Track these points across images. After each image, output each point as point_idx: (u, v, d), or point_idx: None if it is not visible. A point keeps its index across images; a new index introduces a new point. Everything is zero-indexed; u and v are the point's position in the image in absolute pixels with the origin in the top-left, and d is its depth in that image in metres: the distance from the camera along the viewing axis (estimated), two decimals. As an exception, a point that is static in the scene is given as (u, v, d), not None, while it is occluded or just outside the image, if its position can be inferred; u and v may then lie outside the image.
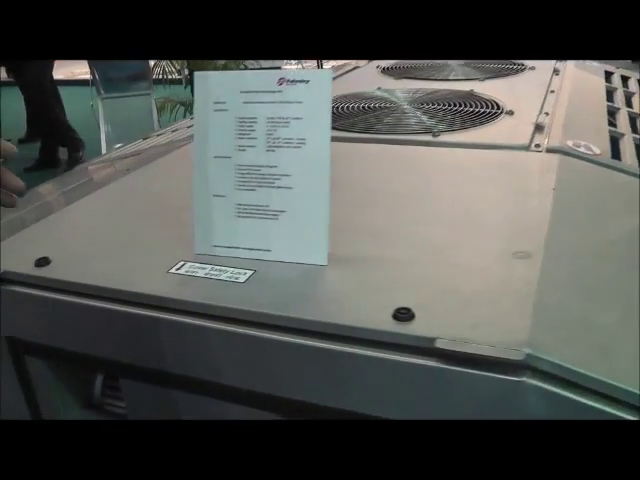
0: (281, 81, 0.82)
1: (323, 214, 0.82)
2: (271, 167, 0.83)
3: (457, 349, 0.66)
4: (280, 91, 0.82)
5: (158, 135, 1.73)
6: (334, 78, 1.99)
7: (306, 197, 0.82)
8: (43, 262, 0.88)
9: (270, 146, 0.83)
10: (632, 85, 1.92)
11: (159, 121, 3.93)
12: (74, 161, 3.99)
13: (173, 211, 1.03)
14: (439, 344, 0.66)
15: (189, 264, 0.85)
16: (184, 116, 4.04)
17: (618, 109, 1.62)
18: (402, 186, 1.10)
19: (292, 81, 0.81)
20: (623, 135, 1.41)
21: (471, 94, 1.64)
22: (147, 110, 3.81)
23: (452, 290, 0.76)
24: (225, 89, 0.84)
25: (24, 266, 0.88)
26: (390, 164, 1.21)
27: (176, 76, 4.25)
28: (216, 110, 0.85)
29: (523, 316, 0.70)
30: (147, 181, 1.21)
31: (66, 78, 8.32)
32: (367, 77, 2.03)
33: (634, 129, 1.49)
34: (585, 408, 0.63)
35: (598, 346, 0.68)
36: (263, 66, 4.37)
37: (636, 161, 1.27)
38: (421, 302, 0.73)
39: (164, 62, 4.11)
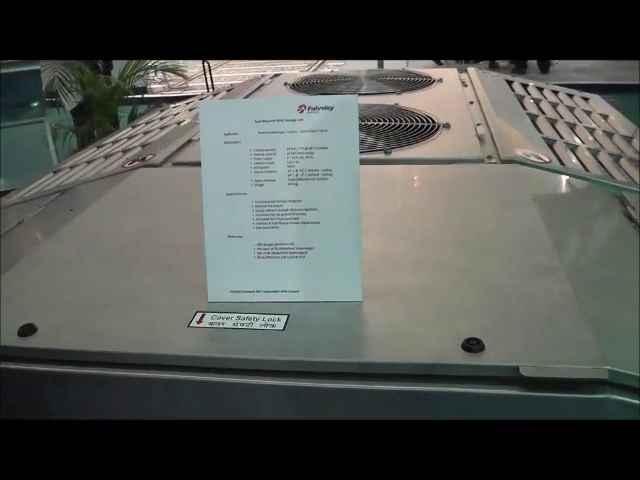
0: (301, 108, 0.79)
1: (355, 248, 0.80)
2: (295, 202, 0.80)
3: (543, 375, 0.67)
4: (301, 119, 0.79)
5: (71, 167, 1.60)
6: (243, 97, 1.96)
7: (335, 231, 0.80)
8: (28, 330, 0.78)
9: (292, 179, 0.80)
10: (533, 92, 2.06)
11: (55, 150, 3.67)
12: None
13: (160, 254, 0.96)
14: (523, 372, 0.67)
15: (209, 314, 0.79)
16: (80, 145, 3.79)
17: (536, 116, 1.73)
18: (387, 207, 1.10)
19: (314, 108, 0.78)
20: (555, 141, 1.51)
21: (401, 109, 1.68)
22: (41, 139, 3.53)
23: (504, 314, 0.77)
24: (237, 119, 0.80)
25: (6, 336, 0.77)
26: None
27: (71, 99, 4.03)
28: (227, 142, 0.80)
29: (583, 332, 0.73)
30: (107, 220, 1.11)
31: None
32: (275, 95, 2.01)
33: (558, 133, 1.60)
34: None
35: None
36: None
37: (579, 164, 1.37)
38: (482, 330, 0.73)
39: (56, 83, 3.87)
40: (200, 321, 0.78)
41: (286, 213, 0.80)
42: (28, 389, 0.77)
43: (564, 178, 1.25)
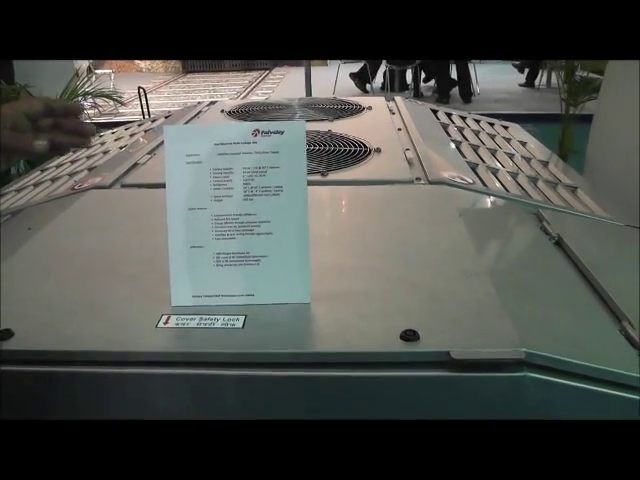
0: (255, 132, 0.91)
1: (304, 255, 0.92)
2: (250, 215, 0.91)
3: (470, 357, 0.80)
4: (255, 142, 0.91)
5: (17, 191, 1.66)
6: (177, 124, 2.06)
7: (286, 241, 0.92)
8: (6, 335, 0.86)
9: (247, 195, 0.91)
10: (457, 120, 2.25)
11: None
12: None
13: (121, 267, 1.05)
14: (453, 355, 0.80)
15: (174, 317, 0.89)
16: (17, 167, 3.75)
17: (460, 142, 1.91)
18: (327, 222, 1.23)
19: (267, 132, 0.90)
20: (477, 165, 1.68)
21: (334, 135, 1.82)
22: None
23: (436, 310, 0.91)
24: (198, 142, 0.91)
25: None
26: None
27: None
28: (189, 162, 0.91)
29: (504, 322, 0.86)
30: (66, 238, 1.19)
31: None
32: (214, 121, 2.12)
33: (481, 159, 1.77)
34: (575, 390, 0.80)
35: (566, 339, 0.87)
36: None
37: (500, 185, 1.53)
38: (414, 323, 0.86)
39: None
40: (167, 322, 0.88)
41: (242, 225, 0.92)
42: (7, 387, 0.85)
43: (486, 197, 1.41)
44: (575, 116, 4.04)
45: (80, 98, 4.29)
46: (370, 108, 2.22)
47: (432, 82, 8.50)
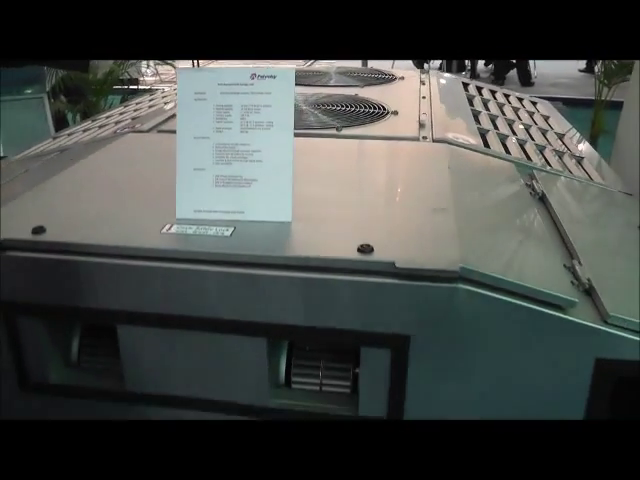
0: (253, 76, 1.09)
1: (288, 181, 1.10)
2: (244, 145, 1.10)
3: (411, 267, 0.96)
4: (252, 84, 1.09)
5: (69, 135, 1.90)
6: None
7: (274, 167, 1.10)
8: (39, 230, 1.07)
9: (244, 128, 1.10)
10: (485, 93, 2.37)
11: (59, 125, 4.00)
12: None
13: (141, 190, 1.26)
14: (399, 265, 0.96)
15: (176, 225, 1.09)
16: (73, 118, 4.11)
17: (480, 112, 2.04)
18: (329, 167, 1.40)
19: (262, 76, 1.09)
20: (488, 131, 1.81)
21: (359, 98, 1.99)
22: (40, 113, 3.85)
23: (395, 232, 1.08)
24: (205, 83, 1.10)
25: (23, 234, 1.07)
26: (310, 152, 1.51)
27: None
28: (197, 100, 1.10)
29: (452, 247, 1.02)
30: (101, 168, 1.41)
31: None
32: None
33: (495, 126, 1.91)
34: (504, 304, 0.96)
35: (506, 262, 1.03)
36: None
37: (502, 148, 1.67)
38: (374, 240, 1.02)
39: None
40: (169, 229, 1.08)
41: (238, 153, 1.10)
42: (38, 273, 1.06)
43: (482, 156, 1.55)
44: (609, 102, 4.11)
45: (144, 63, 4.58)
46: (402, 78, 2.37)
47: (491, 65, 8.53)
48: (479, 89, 2.43)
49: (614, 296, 1.01)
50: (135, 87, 5.03)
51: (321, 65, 3.04)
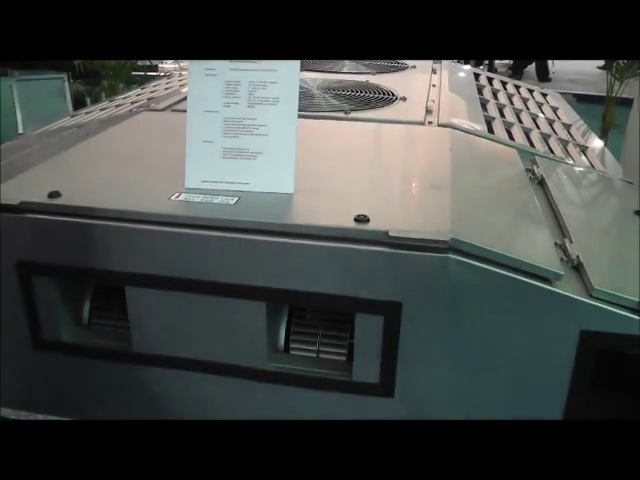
0: (260, 53, 1.14)
1: (290, 154, 1.15)
2: (251, 119, 1.16)
3: (404, 236, 1.02)
4: (260, 61, 1.14)
5: (87, 113, 1.97)
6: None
7: (278, 141, 1.16)
8: (55, 194, 1.14)
9: (251, 103, 1.15)
10: (496, 84, 2.41)
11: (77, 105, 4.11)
12: None
13: (154, 161, 1.32)
14: (391, 234, 1.02)
15: (184, 194, 1.15)
16: (92, 100, 4.21)
17: (488, 101, 2.08)
18: (335, 146, 1.46)
19: (269, 53, 1.14)
20: (494, 118, 1.86)
21: (369, 84, 2.04)
22: (60, 93, 3.96)
23: (392, 205, 1.13)
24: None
25: (39, 197, 1.13)
26: (318, 132, 1.56)
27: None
28: (207, 75, 1.16)
29: (445, 220, 1.07)
30: (116, 141, 1.48)
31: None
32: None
33: (502, 115, 1.95)
34: (490, 274, 1.01)
35: (497, 236, 1.08)
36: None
37: (506, 135, 1.71)
38: (372, 212, 1.08)
39: None
40: (178, 197, 1.14)
41: (245, 127, 1.16)
42: (53, 234, 1.13)
43: (485, 141, 1.60)
44: (621, 99, 4.18)
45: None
46: (414, 67, 2.42)
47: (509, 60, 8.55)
48: (490, 80, 2.47)
49: (600, 271, 1.05)
50: (154, 73, 5.11)
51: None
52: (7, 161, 1.39)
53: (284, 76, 1.14)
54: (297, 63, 1.15)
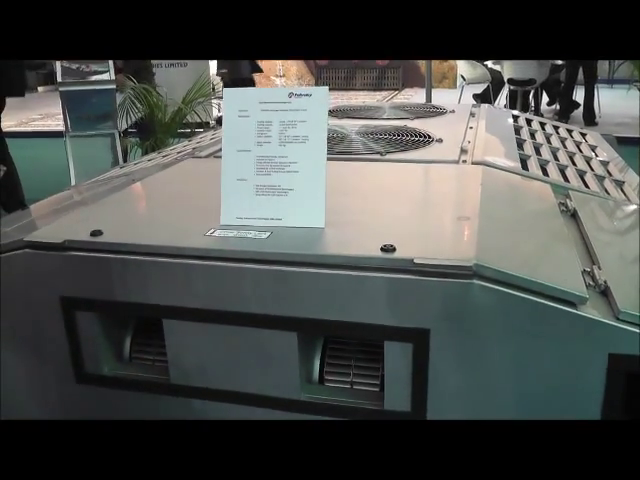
0: (290, 95, 1.21)
1: (321, 189, 1.20)
2: (282, 157, 1.22)
3: (429, 263, 1.04)
4: (290, 102, 1.21)
5: (135, 164, 2.08)
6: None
7: (308, 178, 1.21)
8: (97, 233, 1.21)
9: (282, 142, 1.22)
10: (535, 125, 2.44)
11: (125, 159, 4.33)
12: None
13: (196, 202, 1.39)
14: (417, 261, 1.05)
15: (220, 230, 1.21)
16: (143, 153, 4.41)
17: (524, 140, 2.11)
18: (369, 185, 1.51)
19: (299, 94, 1.21)
20: (529, 156, 1.88)
21: (406, 128, 2.09)
22: (111, 148, 4.18)
23: (420, 236, 1.16)
24: (248, 101, 1.22)
25: (82, 236, 1.20)
26: (353, 173, 1.62)
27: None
28: (240, 116, 1.23)
29: (470, 247, 1.10)
30: (161, 185, 1.56)
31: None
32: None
33: (538, 153, 1.97)
34: (515, 298, 1.02)
35: (522, 262, 1.10)
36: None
37: (540, 172, 1.73)
38: (399, 242, 1.11)
39: (128, 102, 4.53)
40: (213, 233, 1.20)
41: (276, 165, 1.22)
42: (94, 271, 1.19)
43: (518, 177, 1.62)
44: None
45: (202, 99, 4.88)
46: (453, 111, 2.47)
47: (556, 105, 8.52)
48: (529, 121, 2.50)
49: (627, 294, 1.06)
50: (202, 130, 5.33)
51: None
52: (56, 207, 1.48)
53: (313, 115, 1.20)
54: (325, 103, 1.21)
